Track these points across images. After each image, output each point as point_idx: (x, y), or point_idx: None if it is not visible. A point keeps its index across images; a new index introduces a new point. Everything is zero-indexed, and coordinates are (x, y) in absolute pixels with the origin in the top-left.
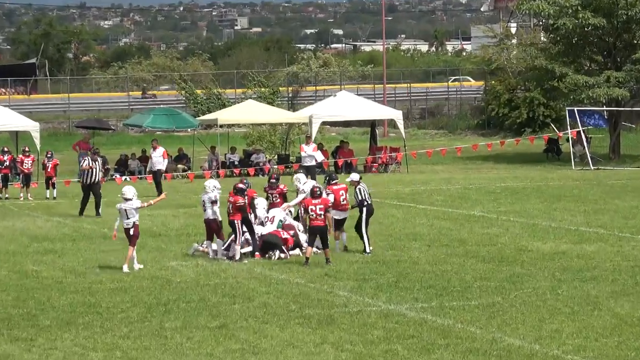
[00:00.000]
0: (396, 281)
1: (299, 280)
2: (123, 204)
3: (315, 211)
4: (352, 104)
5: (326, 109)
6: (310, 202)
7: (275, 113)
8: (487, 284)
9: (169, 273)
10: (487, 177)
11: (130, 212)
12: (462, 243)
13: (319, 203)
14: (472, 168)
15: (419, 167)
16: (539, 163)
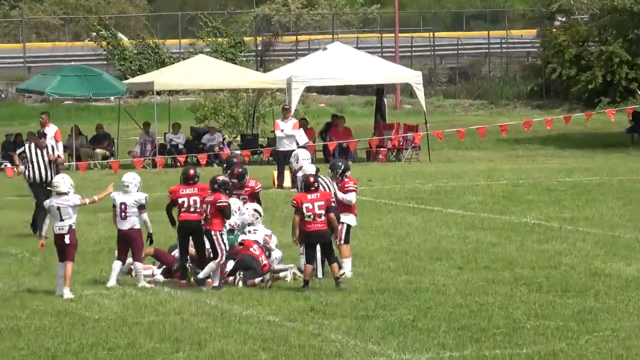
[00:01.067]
0: (413, 319)
1: (273, 318)
2: (55, 200)
3: (314, 210)
4: (349, 61)
5: (312, 69)
6: (303, 198)
7: (238, 74)
8: (546, 323)
9: (83, 306)
10: (546, 169)
11: (66, 211)
12: (508, 264)
13: (317, 199)
14: (524, 155)
15: (446, 153)
16: (621, 148)
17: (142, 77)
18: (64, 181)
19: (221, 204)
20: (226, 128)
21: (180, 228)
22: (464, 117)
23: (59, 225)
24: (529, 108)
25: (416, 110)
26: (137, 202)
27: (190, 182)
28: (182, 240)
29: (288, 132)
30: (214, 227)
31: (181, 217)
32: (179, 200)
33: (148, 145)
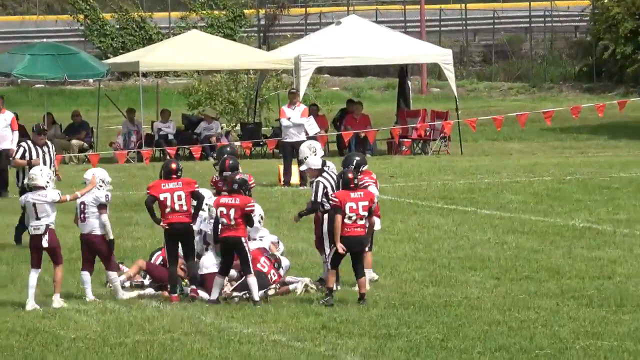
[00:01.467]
0: (442, 339)
1: (279, 337)
2: (31, 195)
3: (357, 211)
4: (367, 37)
5: (323, 47)
6: (347, 196)
7: (237, 53)
8: (597, 343)
9: (56, 324)
10: (597, 163)
11: (42, 208)
12: (554, 274)
13: (361, 198)
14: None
15: (480, 145)
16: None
17: (126, 57)
18: (42, 174)
19: (250, 209)
20: (224, 116)
21: (168, 232)
22: (502, 102)
23: (35, 224)
24: (577, 92)
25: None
26: (97, 200)
27: (172, 177)
28: (170, 246)
29: (296, 120)
30: (242, 234)
31: (167, 219)
32: (161, 197)
33: (133, 136)
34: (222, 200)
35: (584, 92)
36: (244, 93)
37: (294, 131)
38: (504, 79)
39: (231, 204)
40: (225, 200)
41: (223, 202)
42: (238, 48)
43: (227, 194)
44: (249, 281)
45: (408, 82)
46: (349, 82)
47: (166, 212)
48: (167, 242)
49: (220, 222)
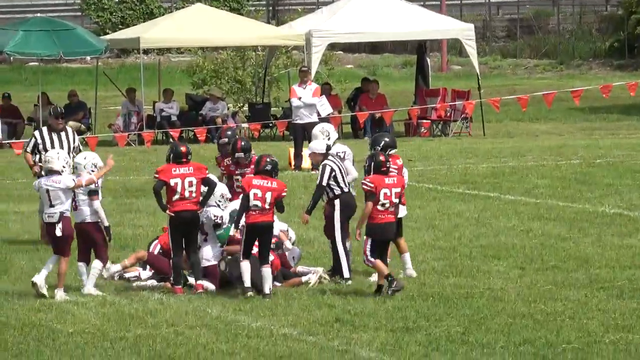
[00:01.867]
0: (463, 332)
1: (289, 331)
2: (44, 180)
3: (391, 198)
4: (383, 11)
5: (337, 22)
6: (381, 181)
7: (245, 28)
8: (628, 337)
9: (53, 317)
10: (629, 145)
11: (56, 195)
12: (582, 264)
13: (394, 184)
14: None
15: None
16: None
17: (126, 32)
18: (59, 157)
19: (285, 194)
20: (230, 95)
21: (174, 221)
22: (527, 80)
23: (49, 212)
24: (607, 69)
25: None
26: (87, 187)
27: (182, 161)
28: (175, 236)
29: (307, 100)
30: (272, 219)
31: (175, 207)
32: (171, 182)
33: (133, 117)
34: (256, 182)
35: (615, 69)
36: (252, 71)
37: (305, 112)
38: (529, 56)
39: (268, 187)
40: (260, 183)
41: (257, 185)
42: (245, 23)
43: (259, 176)
44: (264, 272)
45: (427, 59)
46: (363, 60)
47: (174, 199)
48: (173, 231)
49: (253, 206)
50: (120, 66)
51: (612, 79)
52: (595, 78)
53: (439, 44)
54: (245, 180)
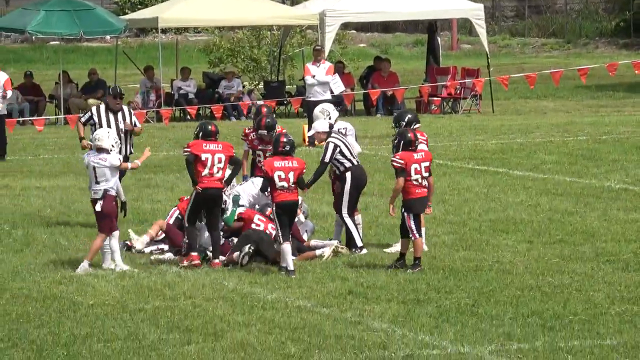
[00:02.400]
0: (473, 304)
1: (303, 303)
2: (92, 157)
3: (421, 172)
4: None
5: (350, 1)
6: (411, 157)
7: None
8: (634, 309)
9: (74, 290)
10: (634, 122)
11: (102, 172)
12: (589, 237)
13: (423, 159)
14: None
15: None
16: None
17: (144, 12)
18: (109, 136)
19: (305, 171)
20: (246, 73)
21: (199, 197)
22: (535, 59)
23: (94, 188)
24: (613, 48)
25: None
26: (111, 165)
27: (212, 139)
28: (195, 209)
29: (321, 78)
30: (297, 197)
31: (202, 183)
32: (202, 157)
33: (152, 95)
34: (278, 164)
35: (621, 48)
36: (267, 50)
37: (319, 89)
38: (537, 35)
39: (290, 167)
40: (282, 164)
41: (279, 166)
42: (261, 3)
43: (279, 157)
44: (284, 247)
45: (438, 38)
46: (376, 39)
47: (202, 174)
48: (194, 206)
49: (280, 187)
50: (139, 45)
51: (618, 58)
52: (601, 56)
53: (450, 23)
54: (267, 164)
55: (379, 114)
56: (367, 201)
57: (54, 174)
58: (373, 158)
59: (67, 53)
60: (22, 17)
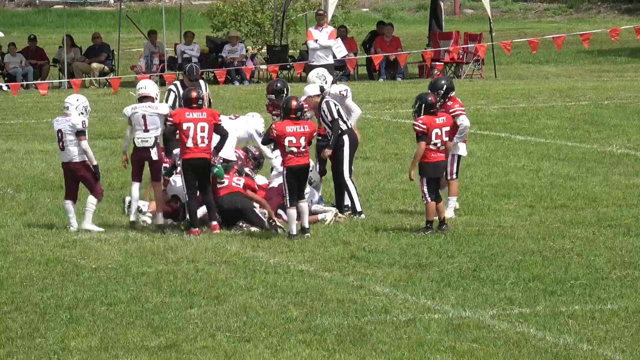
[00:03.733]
0: (475, 269)
1: (306, 267)
2: (139, 106)
3: (442, 137)
4: None
5: None
6: (432, 121)
7: None
8: (634, 273)
9: (77, 253)
10: (636, 87)
11: (152, 120)
12: (590, 202)
13: (444, 123)
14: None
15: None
16: None
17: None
18: (153, 85)
19: (315, 133)
20: (249, 38)
21: (186, 167)
22: (537, 24)
23: (143, 136)
24: (615, 13)
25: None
26: (73, 127)
27: (193, 106)
28: (188, 179)
29: (323, 42)
30: (309, 161)
31: (187, 154)
32: (183, 126)
33: (155, 59)
34: (290, 129)
35: (623, 13)
36: (270, 14)
37: (321, 54)
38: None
39: (301, 132)
40: (293, 129)
41: (291, 131)
42: None
43: (290, 121)
44: (302, 207)
45: (440, 3)
46: (379, 3)
47: (186, 145)
48: (185, 175)
49: (290, 152)
50: (143, 9)
51: (620, 23)
52: (603, 22)
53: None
54: (279, 128)
55: (381, 78)
56: (369, 165)
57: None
58: (376, 122)
59: (70, 17)
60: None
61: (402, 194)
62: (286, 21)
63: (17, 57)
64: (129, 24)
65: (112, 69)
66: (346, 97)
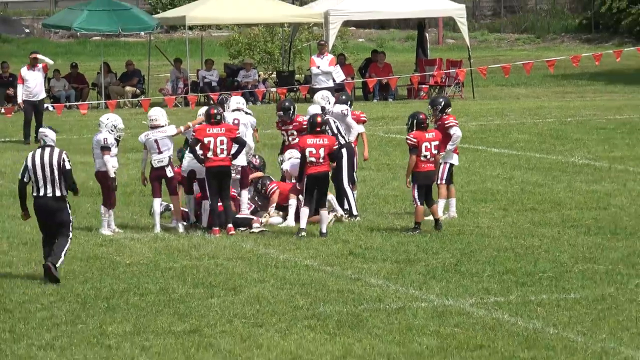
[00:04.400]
0: (456, 263)
1: (310, 262)
2: (151, 133)
3: (431, 150)
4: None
5: (350, 2)
6: (422, 136)
7: (273, 8)
8: (594, 267)
9: (113, 250)
10: (595, 106)
11: (164, 143)
12: (555, 206)
13: (433, 138)
14: (572, 92)
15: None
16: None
17: (174, 12)
18: (160, 113)
19: (336, 146)
20: (261, 64)
21: (210, 174)
22: (509, 52)
23: (158, 158)
24: (577, 42)
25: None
26: (98, 143)
27: (212, 121)
28: (211, 184)
29: (324, 68)
30: (328, 169)
31: (210, 162)
32: (205, 140)
33: (180, 83)
34: (310, 142)
35: (584, 42)
36: (279, 44)
37: (322, 78)
38: (511, 31)
39: (320, 144)
40: (313, 141)
41: (311, 143)
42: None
43: (312, 135)
44: (322, 214)
45: (426, 34)
46: (373, 34)
47: (208, 155)
48: (209, 180)
49: (309, 161)
50: (169, 40)
51: (581, 51)
52: (566, 50)
53: (436, 21)
54: (301, 141)
55: (375, 99)
56: (364, 175)
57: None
58: (370, 137)
59: (107, 47)
60: (69, 16)
61: (393, 199)
62: (293, 50)
63: (61, 81)
64: (158, 53)
65: (143, 91)
66: (346, 116)
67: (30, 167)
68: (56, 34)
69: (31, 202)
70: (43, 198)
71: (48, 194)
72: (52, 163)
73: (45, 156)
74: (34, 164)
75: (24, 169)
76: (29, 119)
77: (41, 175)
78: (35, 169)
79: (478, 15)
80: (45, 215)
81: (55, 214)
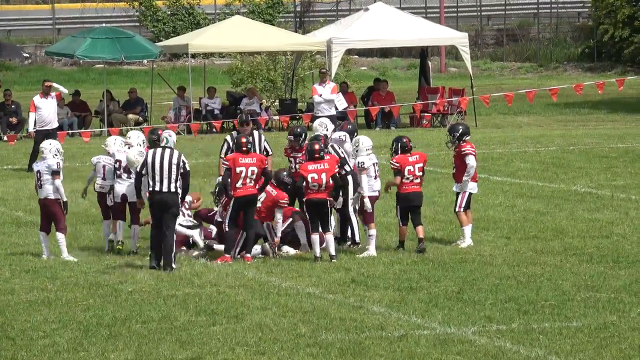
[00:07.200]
0: (458, 291)
1: (312, 290)
2: (103, 159)
3: (414, 173)
4: (392, 22)
5: (353, 31)
6: (405, 160)
7: (276, 36)
8: (596, 295)
9: (116, 278)
10: (597, 134)
11: (110, 172)
12: (558, 234)
13: (417, 161)
14: (574, 120)
15: (492, 118)
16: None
17: (176, 40)
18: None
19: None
20: (264, 92)
21: (237, 203)
22: (512, 80)
23: (100, 183)
24: (579, 71)
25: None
26: (49, 168)
27: (244, 150)
28: (235, 214)
29: (326, 96)
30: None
31: (238, 192)
32: (237, 170)
33: (183, 111)
34: (311, 167)
35: (586, 71)
36: (282, 72)
37: (325, 106)
38: (514, 60)
39: (322, 169)
40: (315, 167)
41: (313, 169)
42: (276, 32)
43: (312, 161)
44: (328, 238)
45: (428, 62)
46: (375, 63)
47: (237, 184)
48: (233, 211)
49: (312, 186)
50: (172, 68)
51: (583, 79)
52: (569, 78)
53: (439, 49)
54: (303, 168)
55: (377, 127)
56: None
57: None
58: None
59: (110, 74)
60: (71, 44)
61: (395, 228)
62: (295, 78)
63: (64, 109)
64: (160, 81)
65: (145, 119)
66: (344, 142)
67: (150, 164)
68: (59, 61)
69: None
70: (159, 193)
71: (164, 190)
72: (172, 163)
73: (166, 156)
74: (153, 162)
75: (143, 165)
76: (37, 149)
77: (159, 172)
78: (154, 167)
79: (481, 43)
80: (160, 207)
81: (171, 207)
